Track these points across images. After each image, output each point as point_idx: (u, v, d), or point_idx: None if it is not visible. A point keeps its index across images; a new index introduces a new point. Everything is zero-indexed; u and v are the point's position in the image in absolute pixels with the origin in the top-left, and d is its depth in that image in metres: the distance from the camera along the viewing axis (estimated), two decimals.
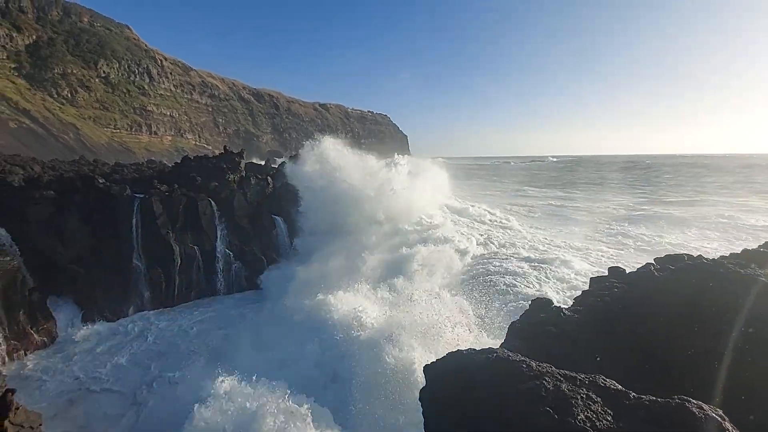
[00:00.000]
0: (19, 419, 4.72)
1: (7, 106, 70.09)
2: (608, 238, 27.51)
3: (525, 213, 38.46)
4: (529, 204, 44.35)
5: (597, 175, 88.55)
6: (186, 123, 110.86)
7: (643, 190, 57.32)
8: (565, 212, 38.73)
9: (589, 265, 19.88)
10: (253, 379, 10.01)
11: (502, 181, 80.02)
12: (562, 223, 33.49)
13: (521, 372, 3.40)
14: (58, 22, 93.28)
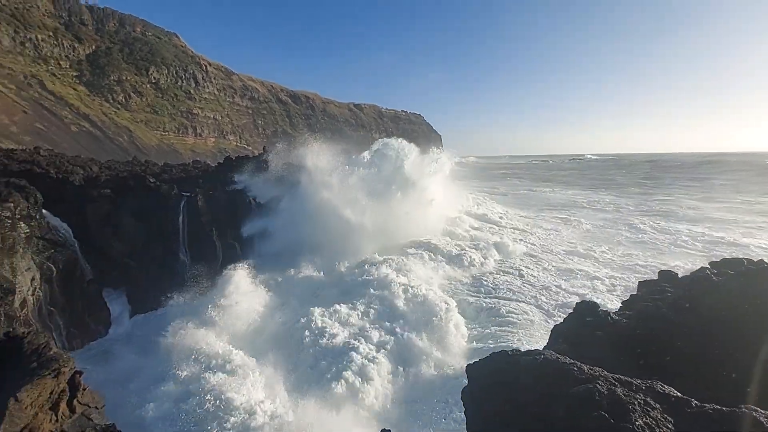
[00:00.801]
0: (85, 399, 5.10)
1: (69, 112, 76.23)
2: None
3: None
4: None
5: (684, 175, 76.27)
6: (228, 125, 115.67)
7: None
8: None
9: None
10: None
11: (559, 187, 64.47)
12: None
13: (572, 375, 3.23)
14: (114, 33, 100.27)
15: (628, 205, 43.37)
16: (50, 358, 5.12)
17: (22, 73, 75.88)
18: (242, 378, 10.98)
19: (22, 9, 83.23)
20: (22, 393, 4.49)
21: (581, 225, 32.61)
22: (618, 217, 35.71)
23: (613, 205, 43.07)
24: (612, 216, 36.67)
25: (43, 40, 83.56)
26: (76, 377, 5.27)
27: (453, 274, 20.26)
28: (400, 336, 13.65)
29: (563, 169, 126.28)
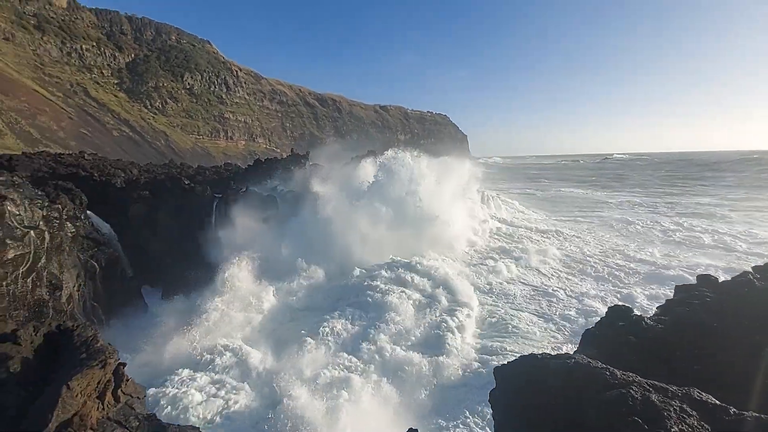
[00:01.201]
0: (128, 389, 5.44)
1: (111, 117, 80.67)
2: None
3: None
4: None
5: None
6: (258, 128, 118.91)
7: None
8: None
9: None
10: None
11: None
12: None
13: (604, 379, 3.15)
14: (151, 41, 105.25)
15: (663, 205, 41.45)
16: (97, 350, 5.48)
17: (68, 81, 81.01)
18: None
19: (68, 21, 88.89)
20: (72, 382, 4.84)
21: (615, 226, 31.44)
22: (654, 218, 34.19)
23: (646, 206, 41.27)
24: (647, 217, 35.14)
25: (87, 50, 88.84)
26: (120, 368, 5.61)
27: (475, 282, 19.78)
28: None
29: (595, 168, 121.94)
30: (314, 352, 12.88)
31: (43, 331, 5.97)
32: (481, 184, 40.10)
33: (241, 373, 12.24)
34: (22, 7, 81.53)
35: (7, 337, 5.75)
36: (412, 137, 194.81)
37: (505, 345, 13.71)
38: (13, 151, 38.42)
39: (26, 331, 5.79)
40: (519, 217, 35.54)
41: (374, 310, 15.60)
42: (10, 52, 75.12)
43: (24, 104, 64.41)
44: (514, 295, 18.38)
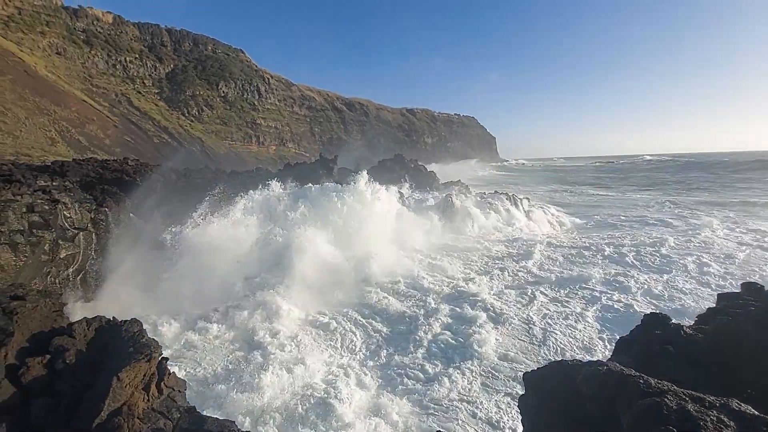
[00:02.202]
0: (171, 383, 5.80)
1: (152, 125, 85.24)
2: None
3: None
4: None
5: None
6: (288, 133, 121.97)
7: None
8: None
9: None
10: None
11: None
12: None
13: (638, 387, 3.09)
14: (189, 52, 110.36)
15: (714, 208, 39.08)
16: (143, 344, 5.88)
17: (113, 91, 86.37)
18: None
19: (114, 35, 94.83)
20: (122, 373, 5.22)
21: (662, 232, 29.94)
22: (701, 222, 32.34)
23: (690, 210, 39.08)
24: (694, 221, 33.29)
25: (131, 61, 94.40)
26: (163, 362, 5.99)
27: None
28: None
29: (639, 170, 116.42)
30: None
31: (94, 325, 6.46)
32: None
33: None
34: (73, 24, 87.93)
35: (63, 330, 6.27)
36: (439, 140, 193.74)
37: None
38: (64, 157, 41.37)
39: (80, 326, 6.28)
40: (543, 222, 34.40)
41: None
42: (62, 65, 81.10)
43: (74, 114, 69.21)
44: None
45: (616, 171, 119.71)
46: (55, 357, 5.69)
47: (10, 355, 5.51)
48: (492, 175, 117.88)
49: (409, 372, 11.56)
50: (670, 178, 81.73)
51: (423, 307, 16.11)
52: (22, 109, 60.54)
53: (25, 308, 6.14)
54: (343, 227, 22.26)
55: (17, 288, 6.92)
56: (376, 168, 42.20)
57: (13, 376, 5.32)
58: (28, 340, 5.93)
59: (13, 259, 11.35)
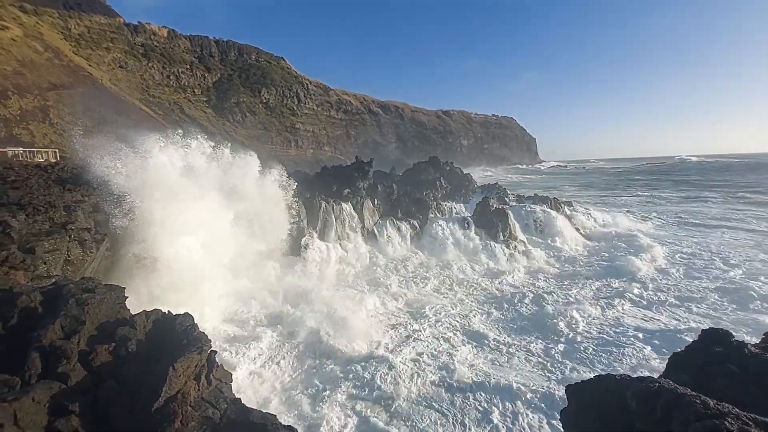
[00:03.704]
0: (218, 375, 6.17)
1: (200, 131, 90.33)
2: None
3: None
4: None
5: None
6: (324, 137, 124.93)
7: None
8: None
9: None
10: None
11: None
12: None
13: (694, 408, 2.90)
14: (234, 61, 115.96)
15: None
16: (196, 337, 6.29)
17: (167, 100, 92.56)
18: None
19: (168, 48, 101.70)
20: (177, 363, 5.62)
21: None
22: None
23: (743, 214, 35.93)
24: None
25: (182, 72, 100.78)
26: (212, 355, 6.37)
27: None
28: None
29: (689, 171, 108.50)
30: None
31: (152, 317, 6.98)
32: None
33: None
34: (133, 39, 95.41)
35: (126, 321, 6.83)
36: (475, 142, 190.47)
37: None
38: None
39: (140, 317, 6.83)
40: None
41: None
42: (124, 78, 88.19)
43: (134, 122, 75.07)
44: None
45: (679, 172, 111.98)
46: (120, 345, 6.22)
47: (81, 341, 6.09)
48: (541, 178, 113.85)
49: None
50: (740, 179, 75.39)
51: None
52: (90, 119, 66.61)
53: (95, 300, 6.75)
54: None
55: (88, 281, 7.62)
56: (411, 170, 42.19)
57: (84, 361, 5.87)
58: (97, 329, 6.52)
59: (81, 254, 12.45)
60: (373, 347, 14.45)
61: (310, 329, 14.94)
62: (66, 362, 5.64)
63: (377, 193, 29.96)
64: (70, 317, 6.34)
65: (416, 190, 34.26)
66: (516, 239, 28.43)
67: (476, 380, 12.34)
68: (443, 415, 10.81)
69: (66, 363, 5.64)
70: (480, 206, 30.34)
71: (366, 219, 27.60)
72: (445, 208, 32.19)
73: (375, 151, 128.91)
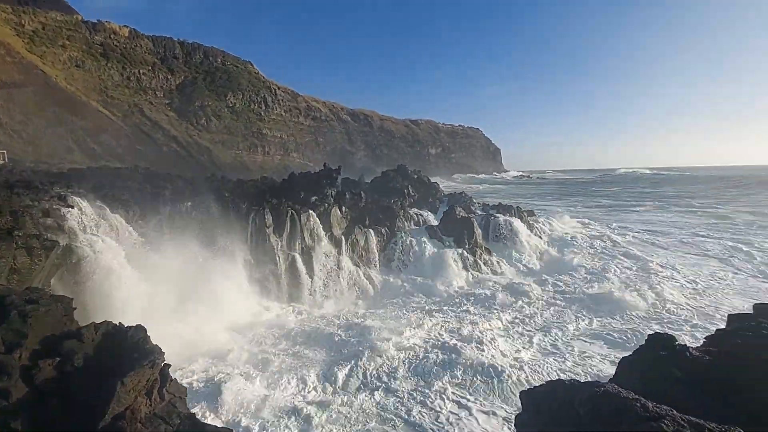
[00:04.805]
0: (172, 389, 5.87)
1: (161, 134, 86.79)
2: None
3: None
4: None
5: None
6: (293, 143, 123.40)
7: None
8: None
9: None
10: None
11: None
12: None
13: (635, 411, 3.07)
14: (199, 64, 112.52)
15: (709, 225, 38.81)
16: (148, 350, 5.97)
17: (126, 102, 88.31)
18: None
19: (129, 48, 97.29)
20: (126, 378, 5.30)
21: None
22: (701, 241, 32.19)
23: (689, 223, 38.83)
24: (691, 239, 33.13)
25: (144, 73, 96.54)
26: (165, 369, 6.06)
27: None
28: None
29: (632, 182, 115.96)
30: None
31: (102, 330, 6.57)
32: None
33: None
34: (92, 38, 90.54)
35: (73, 334, 6.38)
36: (443, 151, 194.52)
37: None
38: (79, 165, 42.43)
39: (88, 330, 6.40)
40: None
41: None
42: (80, 77, 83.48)
43: (90, 123, 71.23)
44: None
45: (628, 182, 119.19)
46: (65, 360, 5.80)
47: (24, 356, 5.64)
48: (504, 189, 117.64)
49: None
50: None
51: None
52: (42, 119, 62.48)
53: (39, 312, 6.27)
54: None
55: (33, 292, 7.07)
56: (379, 178, 42.42)
57: (27, 377, 5.44)
58: (41, 343, 6.06)
59: (29, 262, 11.56)
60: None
61: None
62: (7, 378, 5.22)
63: (345, 200, 29.83)
64: (12, 330, 5.87)
65: (384, 198, 34.43)
66: (481, 247, 29.15)
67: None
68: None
69: (7, 379, 5.22)
70: (446, 215, 30.90)
71: (334, 227, 27.37)
72: (413, 216, 32.53)
73: (343, 159, 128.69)
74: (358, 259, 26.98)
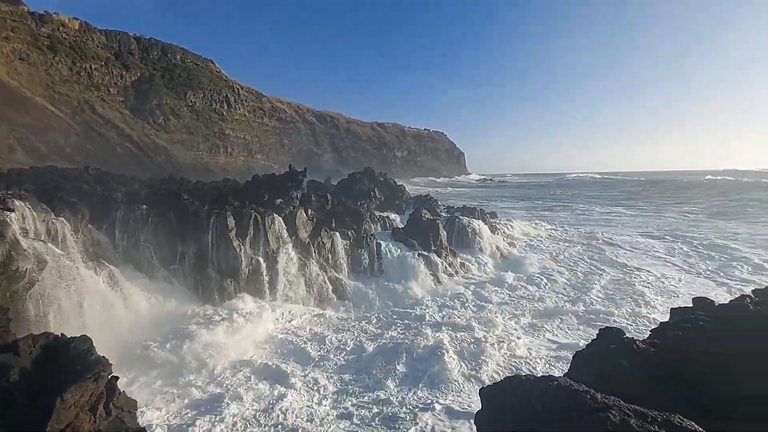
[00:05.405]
0: (120, 403, 5.48)
1: (115, 133, 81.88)
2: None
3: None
4: None
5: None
6: (257, 144, 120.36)
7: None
8: None
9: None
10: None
11: None
12: None
13: (585, 403, 3.22)
14: (157, 60, 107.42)
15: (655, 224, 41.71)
16: (92, 362, 5.55)
17: (76, 99, 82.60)
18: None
19: (79, 42, 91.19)
20: (66, 394, 4.89)
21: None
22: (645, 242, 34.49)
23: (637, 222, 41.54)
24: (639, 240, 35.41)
25: (96, 69, 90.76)
26: (112, 381, 5.66)
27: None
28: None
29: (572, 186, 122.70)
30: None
31: (41, 342, 6.04)
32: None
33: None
34: (38, 30, 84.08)
35: (8, 347, 5.82)
36: (409, 154, 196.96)
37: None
38: (22, 165, 39.15)
39: (26, 343, 5.86)
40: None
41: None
42: (25, 71, 77.25)
43: (35, 121, 66.00)
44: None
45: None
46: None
47: None
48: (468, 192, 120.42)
49: None
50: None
51: None
52: None
53: None
54: None
55: None
56: (345, 181, 42.27)
57: None
58: None
59: None
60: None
61: None
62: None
63: (311, 203, 29.42)
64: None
65: (351, 200, 34.29)
66: (446, 249, 29.65)
67: None
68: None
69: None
70: (412, 217, 31.22)
71: (299, 230, 26.88)
72: (380, 219, 32.61)
73: (310, 161, 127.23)
74: (324, 263, 26.64)
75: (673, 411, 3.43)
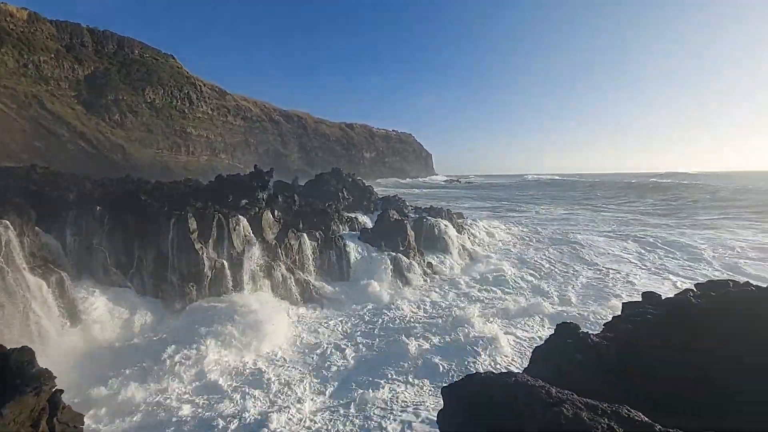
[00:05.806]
0: (65, 418, 5.11)
1: (66, 130, 76.53)
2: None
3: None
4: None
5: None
6: (221, 144, 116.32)
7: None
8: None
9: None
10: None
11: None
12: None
13: (541, 398, 3.34)
14: (113, 54, 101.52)
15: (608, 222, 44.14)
16: (33, 375, 5.13)
17: (23, 93, 76.35)
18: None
19: (27, 33, 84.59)
20: (5, 410, 4.50)
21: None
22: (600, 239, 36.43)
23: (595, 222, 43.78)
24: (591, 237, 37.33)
25: (45, 61, 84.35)
26: (57, 395, 5.28)
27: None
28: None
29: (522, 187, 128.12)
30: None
31: None
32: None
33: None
34: None
35: None
36: (377, 155, 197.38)
37: None
38: None
39: None
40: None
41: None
42: None
43: None
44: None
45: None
46: None
47: None
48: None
49: None
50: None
51: None
52: None
53: None
54: None
55: None
56: (313, 181, 41.78)
57: None
58: None
59: None
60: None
61: None
62: None
63: (278, 204, 28.81)
64: None
65: (319, 201, 33.92)
66: (414, 249, 29.95)
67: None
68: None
69: None
70: (380, 218, 31.29)
71: (266, 231, 26.26)
72: (348, 220, 32.45)
73: (277, 161, 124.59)
74: (291, 265, 26.17)
75: (624, 403, 3.60)
